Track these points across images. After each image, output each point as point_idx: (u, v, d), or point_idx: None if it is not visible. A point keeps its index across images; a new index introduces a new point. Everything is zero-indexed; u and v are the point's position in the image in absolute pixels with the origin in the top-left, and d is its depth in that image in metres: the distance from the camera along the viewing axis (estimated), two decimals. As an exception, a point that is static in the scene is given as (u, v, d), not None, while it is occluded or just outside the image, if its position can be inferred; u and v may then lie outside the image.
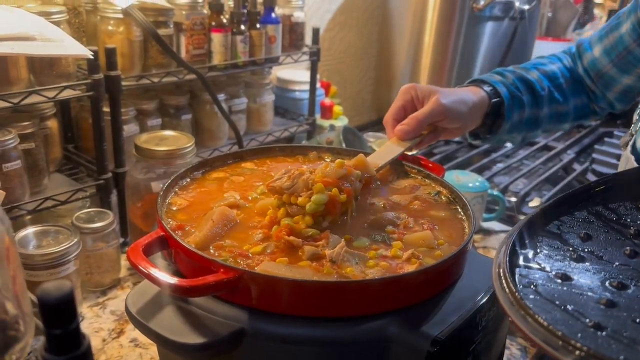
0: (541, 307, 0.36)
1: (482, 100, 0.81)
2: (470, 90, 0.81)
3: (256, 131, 1.30)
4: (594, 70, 0.90)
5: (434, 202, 0.66)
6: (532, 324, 0.33)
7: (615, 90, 0.90)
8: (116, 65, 0.90)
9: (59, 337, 0.30)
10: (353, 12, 1.74)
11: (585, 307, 0.36)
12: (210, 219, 0.57)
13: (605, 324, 0.34)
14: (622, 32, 0.86)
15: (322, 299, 0.49)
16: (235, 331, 0.49)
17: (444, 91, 0.76)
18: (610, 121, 1.97)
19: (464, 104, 0.77)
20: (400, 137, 0.73)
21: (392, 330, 0.49)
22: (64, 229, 0.81)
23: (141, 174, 0.90)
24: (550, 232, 0.44)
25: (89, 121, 1.00)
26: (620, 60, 0.86)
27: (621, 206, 0.46)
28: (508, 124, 0.84)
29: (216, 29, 1.08)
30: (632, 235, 0.43)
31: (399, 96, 0.77)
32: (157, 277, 0.49)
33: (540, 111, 0.88)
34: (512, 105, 0.83)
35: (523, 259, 0.41)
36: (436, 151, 1.62)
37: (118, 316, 0.83)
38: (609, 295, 0.37)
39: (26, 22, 0.73)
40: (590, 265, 0.41)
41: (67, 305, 0.30)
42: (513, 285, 0.36)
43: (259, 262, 0.53)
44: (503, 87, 0.84)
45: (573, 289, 0.38)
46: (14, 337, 0.30)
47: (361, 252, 0.54)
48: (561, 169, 1.53)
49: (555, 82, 0.90)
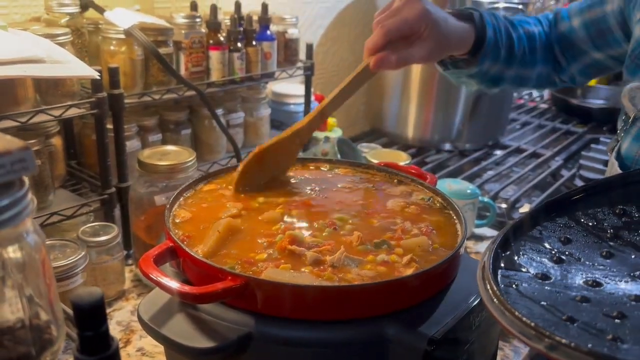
0: (520, 303, 0.39)
1: (466, 44, 0.80)
2: (465, 31, 0.79)
3: (253, 144, 1.33)
4: (567, 39, 0.90)
5: (427, 208, 0.70)
6: (509, 317, 0.36)
7: (582, 62, 0.90)
8: (119, 83, 0.94)
9: (90, 339, 0.33)
10: (345, 27, 1.79)
11: (561, 303, 0.39)
12: (216, 231, 0.60)
13: (578, 317, 0.37)
14: (606, 11, 0.85)
15: (324, 303, 0.52)
16: (243, 335, 0.52)
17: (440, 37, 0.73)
18: (597, 128, 2.03)
19: (447, 50, 0.77)
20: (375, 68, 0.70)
21: (390, 331, 0.52)
22: (71, 243, 0.83)
23: (144, 188, 0.93)
24: (533, 237, 0.48)
25: (91, 138, 1.03)
26: (598, 37, 0.86)
27: (599, 212, 0.49)
28: (477, 69, 0.84)
29: (214, 47, 1.12)
30: (609, 238, 0.46)
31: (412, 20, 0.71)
32: (168, 285, 0.52)
33: (508, 71, 0.88)
34: (489, 53, 0.82)
35: (506, 262, 0.45)
36: (428, 160, 1.66)
37: (124, 326, 0.85)
38: (584, 292, 0.40)
39: (35, 45, 0.77)
40: (569, 266, 0.44)
41: (98, 309, 0.33)
42: (495, 284, 0.40)
43: (263, 268, 0.56)
44: (491, 29, 0.82)
45: (551, 287, 0.42)
46: (48, 340, 0.33)
47: (360, 257, 0.58)
48: (549, 175, 1.58)
49: (532, 44, 0.89)
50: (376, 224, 0.65)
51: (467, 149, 1.76)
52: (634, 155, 0.73)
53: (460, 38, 0.80)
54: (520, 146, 1.79)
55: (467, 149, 1.76)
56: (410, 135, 1.78)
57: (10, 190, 0.31)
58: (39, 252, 0.33)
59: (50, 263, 0.34)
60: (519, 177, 1.53)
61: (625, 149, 0.74)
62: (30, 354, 0.32)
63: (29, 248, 0.32)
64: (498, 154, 1.73)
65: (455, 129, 1.74)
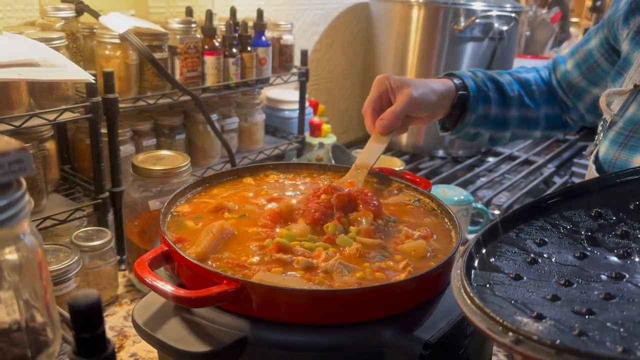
0: (491, 302, 0.40)
1: (450, 90, 0.87)
2: (439, 81, 0.87)
3: (248, 149, 1.33)
4: (566, 81, 0.96)
5: (423, 212, 0.71)
6: (478, 314, 0.37)
7: (586, 100, 0.95)
8: (114, 88, 0.94)
9: (87, 341, 0.33)
10: (339, 34, 1.80)
11: (532, 301, 0.40)
12: (210, 232, 0.60)
13: (547, 314, 0.38)
14: (590, 47, 0.92)
15: (319, 307, 0.52)
16: (238, 339, 0.52)
17: (415, 83, 0.81)
18: (589, 135, 2.05)
19: (433, 94, 0.83)
20: (381, 131, 0.78)
21: (386, 335, 0.52)
22: (64, 248, 0.83)
23: (138, 193, 0.92)
24: (509, 239, 0.49)
25: (85, 142, 1.03)
26: (590, 73, 0.92)
27: (576, 214, 0.50)
28: (473, 115, 0.89)
29: (209, 52, 1.12)
30: (584, 240, 0.48)
31: (375, 86, 0.81)
32: (163, 289, 0.52)
33: (508, 112, 0.93)
34: (477, 98, 0.89)
35: (481, 262, 0.46)
36: (422, 167, 1.67)
37: (117, 332, 0.84)
38: (555, 291, 0.42)
39: (30, 49, 0.77)
40: (542, 267, 0.45)
41: (95, 311, 0.33)
42: (467, 283, 0.41)
43: (255, 271, 0.56)
44: (471, 81, 0.89)
45: (523, 286, 0.43)
46: (44, 343, 0.33)
47: (355, 265, 0.58)
48: (542, 182, 1.59)
49: (527, 89, 0.95)
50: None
51: (460, 156, 1.77)
52: (611, 159, 0.74)
53: (443, 88, 0.86)
54: (513, 153, 1.81)
55: (460, 155, 1.77)
56: (404, 142, 1.79)
57: (7, 191, 0.31)
58: (35, 254, 0.33)
59: (46, 265, 0.34)
60: (511, 183, 1.54)
61: (603, 153, 0.76)
62: (26, 356, 0.32)
63: (26, 250, 0.32)
64: (491, 161, 1.74)
65: (449, 136, 1.75)
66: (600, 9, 2.60)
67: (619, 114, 0.75)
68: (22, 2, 1.04)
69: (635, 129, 0.73)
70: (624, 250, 0.45)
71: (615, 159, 0.73)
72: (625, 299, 0.39)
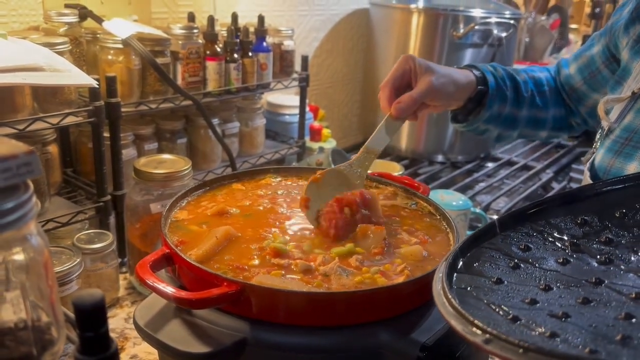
0: (469, 304, 0.41)
1: (470, 84, 0.86)
2: (462, 72, 0.86)
3: (248, 154, 1.34)
4: (568, 85, 0.96)
5: (420, 216, 0.72)
6: (453, 314, 0.38)
7: (587, 105, 0.95)
8: (116, 92, 0.95)
9: (90, 340, 0.34)
10: (339, 40, 1.82)
11: (510, 304, 0.41)
12: (214, 236, 0.61)
13: (522, 317, 0.39)
14: (593, 53, 0.92)
15: (318, 309, 0.53)
16: (238, 341, 0.52)
17: (438, 70, 0.80)
18: (587, 141, 2.06)
19: (453, 85, 0.82)
20: (396, 114, 0.77)
21: (383, 337, 0.53)
22: (66, 250, 0.84)
23: (139, 196, 0.93)
24: (494, 244, 0.50)
25: (87, 146, 1.04)
26: (591, 79, 0.93)
27: (562, 221, 0.51)
28: (488, 113, 0.89)
29: (211, 57, 1.13)
30: (567, 247, 0.48)
31: (400, 64, 0.80)
32: (164, 291, 0.53)
33: (520, 112, 0.93)
34: (495, 96, 0.88)
35: (463, 266, 0.47)
36: (421, 171, 1.68)
37: (118, 334, 0.85)
38: (534, 295, 0.42)
39: (34, 54, 0.78)
40: (524, 272, 0.46)
41: (99, 311, 0.34)
42: (447, 285, 0.42)
43: (255, 274, 0.57)
44: (492, 76, 0.88)
45: (503, 290, 0.44)
46: (49, 341, 0.34)
47: (354, 270, 0.59)
48: (540, 187, 1.60)
49: (540, 89, 0.95)
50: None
51: (459, 161, 1.78)
52: (606, 167, 0.75)
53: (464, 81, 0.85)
54: (512, 159, 1.82)
55: (459, 160, 1.78)
56: (403, 147, 1.80)
57: (15, 193, 0.32)
58: (41, 255, 0.33)
59: (52, 265, 0.35)
60: (510, 189, 1.55)
61: (599, 160, 0.76)
62: (31, 354, 0.33)
63: (32, 250, 0.33)
64: (489, 166, 1.75)
65: (448, 141, 1.76)
66: (599, 15, 2.61)
67: (617, 121, 0.75)
68: (26, 7, 1.05)
69: (630, 137, 0.73)
70: (606, 257, 0.46)
71: (610, 167, 0.74)
72: (602, 303, 0.40)
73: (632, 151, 0.72)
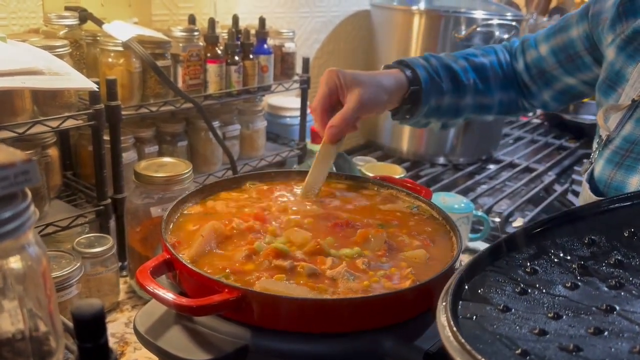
0: (476, 335, 0.39)
1: (402, 86, 0.83)
2: (391, 75, 0.82)
3: (249, 156, 1.34)
4: (537, 67, 0.92)
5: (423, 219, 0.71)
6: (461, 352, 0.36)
7: (555, 88, 0.92)
8: (116, 95, 0.94)
9: (90, 351, 0.33)
10: (340, 42, 1.81)
11: (518, 336, 0.39)
12: (200, 235, 0.61)
13: (531, 351, 0.37)
14: (572, 36, 0.87)
15: (320, 316, 0.52)
16: (239, 348, 0.52)
17: (365, 80, 0.76)
18: (589, 143, 2.05)
19: (384, 92, 0.79)
20: (332, 140, 0.75)
21: (386, 344, 0.52)
22: (66, 254, 0.83)
23: (140, 200, 0.93)
24: (499, 268, 0.47)
25: (88, 149, 1.04)
26: (568, 63, 0.88)
27: (568, 242, 0.48)
28: (425, 108, 0.86)
29: (211, 60, 1.13)
30: (575, 269, 0.46)
31: (324, 82, 0.76)
32: (165, 297, 0.52)
33: (462, 100, 0.90)
34: (430, 91, 0.85)
35: (468, 293, 0.44)
36: (422, 174, 1.67)
37: (118, 338, 0.85)
38: (543, 324, 0.40)
39: (34, 57, 0.77)
40: (532, 298, 0.44)
41: (98, 321, 0.33)
42: (452, 316, 0.39)
43: (257, 278, 0.56)
44: (424, 71, 0.85)
45: (511, 319, 0.41)
46: (47, 352, 0.33)
47: (359, 273, 0.58)
48: (542, 190, 1.59)
49: (482, 75, 0.91)
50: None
51: (461, 163, 1.77)
52: (606, 179, 0.72)
53: (394, 85, 0.82)
54: (514, 161, 1.81)
55: (460, 163, 1.77)
56: (404, 149, 1.80)
57: (13, 202, 0.31)
58: (39, 264, 0.33)
59: (50, 275, 0.35)
60: (512, 191, 1.54)
61: (598, 172, 0.74)
62: (29, 366, 0.33)
63: (30, 260, 0.33)
64: (491, 168, 1.74)
65: (449, 143, 1.76)
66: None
67: (616, 130, 0.73)
68: (25, 9, 1.05)
69: (631, 148, 0.71)
70: (616, 281, 0.44)
71: (611, 179, 0.71)
72: (614, 333, 0.38)
73: (634, 164, 0.70)
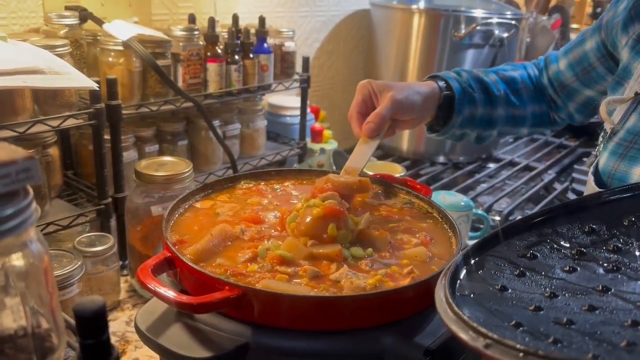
0: (471, 309, 0.41)
1: (434, 92, 0.86)
2: (423, 84, 0.86)
3: (249, 155, 1.34)
4: (558, 81, 0.95)
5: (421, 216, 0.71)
6: (453, 319, 0.38)
7: (577, 101, 0.95)
8: (117, 95, 0.94)
9: (91, 347, 0.33)
10: (340, 41, 1.81)
11: (513, 311, 0.41)
12: (209, 233, 0.61)
13: (525, 324, 0.39)
14: (586, 49, 0.91)
15: (320, 314, 0.52)
16: (240, 346, 0.52)
17: (398, 86, 0.81)
18: (589, 141, 2.05)
19: (417, 95, 0.82)
20: (368, 135, 0.78)
21: (387, 341, 0.52)
22: (67, 253, 0.83)
23: (140, 199, 0.93)
24: (499, 252, 0.49)
25: (88, 148, 1.04)
26: (584, 75, 0.92)
27: (569, 230, 0.50)
28: (459, 117, 0.88)
29: (212, 59, 1.13)
30: (574, 255, 0.48)
31: (358, 91, 0.82)
32: (166, 295, 0.52)
33: (495, 111, 0.92)
34: (462, 100, 0.88)
35: (467, 274, 0.46)
36: (422, 173, 1.67)
37: (119, 337, 0.85)
38: (538, 302, 0.42)
39: (34, 56, 0.77)
40: (530, 280, 0.46)
41: (100, 318, 0.33)
42: (450, 293, 0.41)
43: (259, 279, 0.56)
44: (455, 82, 0.88)
45: (507, 297, 0.43)
46: (49, 349, 0.34)
47: (362, 274, 0.58)
48: (542, 188, 1.59)
49: (513, 87, 0.94)
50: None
51: (461, 162, 1.77)
52: (610, 170, 0.73)
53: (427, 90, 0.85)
54: (513, 159, 1.81)
55: (460, 161, 1.78)
56: (404, 148, 1.80)
57: (14, 199, 0.31)
58: (41, 261, 0.33)
59: (52, 272, 0.35)
60: (512, 189, 1.54)
61: (603, 164, 0.75)
62: (31, 362, 0.33)
63: (32, 257, 0.33)
64: (491, 167, 1.75)
65: (449, 142, 1.76)
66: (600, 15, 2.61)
67: (620, 123, 0.74)
68: (26, 9, 1.05)
69: (635, 140, 0.72)
70: (613, 265, 0.45)
71: (615, 170, 0.73)
72: (608, 310, 0.40)
73: (637, 154, 0.71)
